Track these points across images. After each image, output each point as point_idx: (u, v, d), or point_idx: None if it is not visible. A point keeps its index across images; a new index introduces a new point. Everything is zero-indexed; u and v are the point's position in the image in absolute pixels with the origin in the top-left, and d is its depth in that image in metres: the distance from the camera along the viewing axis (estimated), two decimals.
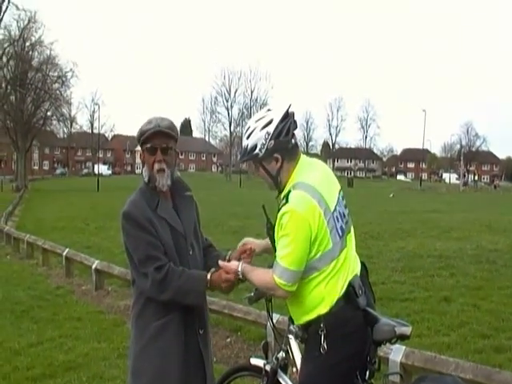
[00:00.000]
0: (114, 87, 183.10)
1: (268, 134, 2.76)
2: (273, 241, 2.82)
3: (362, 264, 2.96)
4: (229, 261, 2.98)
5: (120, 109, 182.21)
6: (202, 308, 3.02)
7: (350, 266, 2.79)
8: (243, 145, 2.86)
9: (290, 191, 2.71)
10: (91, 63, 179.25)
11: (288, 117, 2.79)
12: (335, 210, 2.76)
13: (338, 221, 2.76)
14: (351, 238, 2.90)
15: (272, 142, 2.76)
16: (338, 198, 2.84)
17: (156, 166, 2.89)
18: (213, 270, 2.90)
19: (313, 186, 2.70)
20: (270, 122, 2.77)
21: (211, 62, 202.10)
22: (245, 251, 3.04)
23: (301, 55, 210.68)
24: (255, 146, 2.79)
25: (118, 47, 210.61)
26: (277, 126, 2.76)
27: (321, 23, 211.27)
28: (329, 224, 2.69)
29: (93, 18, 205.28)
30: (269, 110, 2.87)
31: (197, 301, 2.88)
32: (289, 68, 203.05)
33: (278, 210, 2.72)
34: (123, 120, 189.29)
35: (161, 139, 2.89)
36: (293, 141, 2.82)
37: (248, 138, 2.82)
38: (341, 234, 2.76)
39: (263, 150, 2.77)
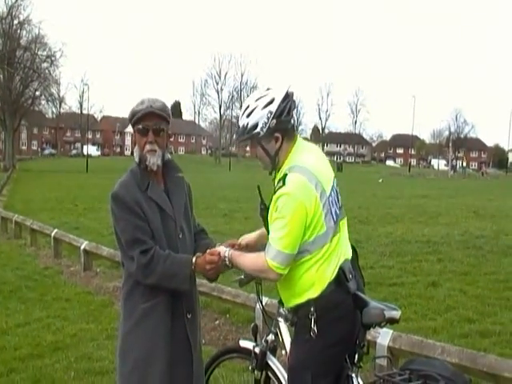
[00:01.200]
0: (104, 68, 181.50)
1: (270, 112, 2.72)
2: (266, 222, 2.81)
3: (352, 248, 2.97)
4: None
5: (109, 90, 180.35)
6: (191, 292, 2.99)
7: (341, 251, 2.79)
8: (242, 123, 2.81)
9: (286, 174, 2.69)
10: (81, 43, 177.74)
11: (288, 96, 2.77)
12: (330, 194, 2.76)
13: (332, 205, 2.76)
14: (344, 224, 2.90)
15: (274, 121, 2.73)
16: (333, 184, 2.84)
17: (147, 147, 2.88)
18: (199, 254, 2.88)
19: (309, 169, 2.69)
20: (271, 101, 2.74)
21: (202, 45, 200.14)
22: (233, 245, 3.01)
23: (291, 40, 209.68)
24: (256, 125, 2.75)
25: (108, 28, 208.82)
26: (279, 106, 2.73)
27: (312, 8, 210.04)
28: (324, 207, 2.69)
29: None
30: (268, 88, 2.83)
31: (182, 285, 2.83)
32: (279, 52, 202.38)
33: (274, 192, 2.70)
34: (113, 101, 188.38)
35: (153, 120, 2.87)
36: (292, 121, 2.82)
37: (248, 116, 2.77)
38: (335, 218, 2.76)
39: (265, 129, 2.74)
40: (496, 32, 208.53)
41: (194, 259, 2.83)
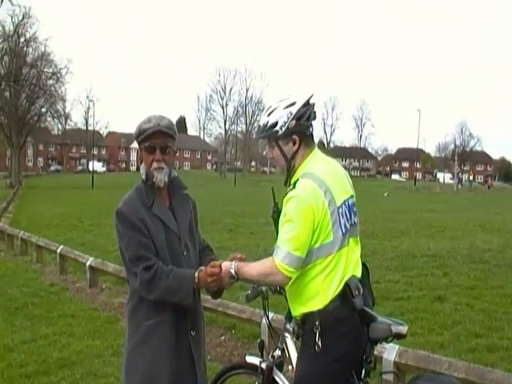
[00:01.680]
0: (109, 84, 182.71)
1: (290, 113, 2.81)
2: (276, 225, 2.83)
3: (364, 266, 2.98)
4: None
5: (115, 106, 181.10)
6: (195, 309, 2.98)
7: (349, 266, 2.80)
8: (262, 122, 2.90)
9: (298, 179, 2.76)
10: (86, 60, 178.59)
11: (309, 104, 2.86)
12: (341, 206, 2.79)
13: (342, 217, 2.78)
14: (356, 243, 2.93)
15: (293, 122, 2.81)
16: (347, 199, 2.86)
17: (155, 165, 2.89)
18: (201, 268, 2.87)
19: (320, 177, 2.75)
20: (292, 104, 2.84)
21: (207, 60, 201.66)
22: (235, 259, 2.95)
23: (296, 54, 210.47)
24: (276, 123, 2.82)
25: (112, 44, 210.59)
26: (299, 109, 2.82)
27: (316, 22, 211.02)
28: (332, 216, 2.72)
29: (88, 14, 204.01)
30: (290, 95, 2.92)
31: (186, 299, 2.82)
32: (284, 67, 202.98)
33: (285, 195, 2.76)
34: (118, 117, 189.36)
35: (160, 138, 2.89)
36: (311, 129, 2.89)
37: (269, 115, 2.86)
38: (344, 231, 2.78)
39: (283, 128, 2.81)
40: (501, 45, 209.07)
41: (196, 273, 2.83)
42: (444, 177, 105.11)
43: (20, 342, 6.45)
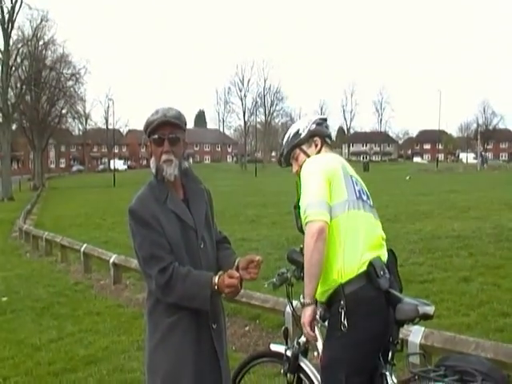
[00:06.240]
0: (128, 82, 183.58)
1: (310, 120, 3.20)
2: (297, 217, 2.95)
3: (391, 252, 2.99)
4: (237, 268, 2.79)
5: (134, 103, 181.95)
6: (216, 302, 2.88)
7: (370, 240, 2.83)
8: (287, 135, 3.22)
9: None
10: (104, 58, 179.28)
11: (326, 119, 3.25)
12: (355, 178, 2.99)
13: (357, 185, 2.96)
14: (377, 222, 2.99)
15: (314, 125, 3.14)
16: (362, 186, 3.02)
17: (163, 157, 2.81)
18: (220, 272, 2.75)
19: (334, 155, 3.11)
20: (311, 117, 3.26)
21: (224, 52, 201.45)
22: (252, 261, 2.81)
23: (313, 41, 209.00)
24: (298, 130, 3.16)
25: (130, 41, 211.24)
26: (317, 117, 3.21)
27: (333, 7, 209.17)
28: (345, 178, 2.91)
29: (105, 13, 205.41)
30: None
31: (203, 306, 2.72)
32: (301, 54, 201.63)
33: None
34: (138, 114, 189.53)
35: (168, 129, 2.80)
36: (330, 137, 3.23)
37: (291, 128, 3.22)
38: (358, 195, 2.91)
39: (305, 131, 3.13)
40: None
41: (216, 279, 2.71)
42: (467, 157, 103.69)
43: (47, 341, 6.53)
